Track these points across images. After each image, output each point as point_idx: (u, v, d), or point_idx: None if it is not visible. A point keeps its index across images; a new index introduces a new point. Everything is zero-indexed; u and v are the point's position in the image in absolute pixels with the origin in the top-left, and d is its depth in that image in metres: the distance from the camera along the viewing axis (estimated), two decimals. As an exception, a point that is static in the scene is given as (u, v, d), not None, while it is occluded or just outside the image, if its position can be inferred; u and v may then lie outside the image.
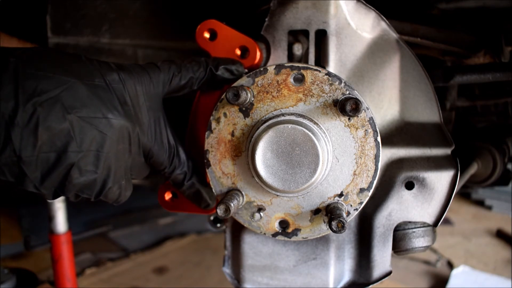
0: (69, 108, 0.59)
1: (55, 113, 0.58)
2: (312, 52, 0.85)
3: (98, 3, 1.23)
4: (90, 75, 0.64)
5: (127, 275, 2.75)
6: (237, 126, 0.78)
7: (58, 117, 0.58)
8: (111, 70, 0.67)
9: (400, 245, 0.86)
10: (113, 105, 0.65)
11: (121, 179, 0.69)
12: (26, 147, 0.57)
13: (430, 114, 0.86)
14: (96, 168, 0.63)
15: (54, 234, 1.90)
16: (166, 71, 0.75)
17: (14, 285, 1.77)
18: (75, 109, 0.60)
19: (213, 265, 2.86)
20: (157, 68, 0.74)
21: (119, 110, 0.65)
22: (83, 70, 0.64)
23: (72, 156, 0.60)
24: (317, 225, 0.79)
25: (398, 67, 0.85)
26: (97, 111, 0.62)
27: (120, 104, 0.66)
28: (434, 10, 1.08)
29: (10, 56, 0.59)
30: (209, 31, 0.84)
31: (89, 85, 0.63)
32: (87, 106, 0.61)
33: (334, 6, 0.82)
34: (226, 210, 0.73)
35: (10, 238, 2.84)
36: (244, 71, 0.82)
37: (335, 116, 0.74)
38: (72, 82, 0.61)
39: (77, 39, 1.23)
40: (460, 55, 1.13)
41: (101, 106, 0.63)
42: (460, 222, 3.55)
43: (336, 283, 0.90)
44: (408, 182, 0.85)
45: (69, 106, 0.59)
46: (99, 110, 0.62)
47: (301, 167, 0.72)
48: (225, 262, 0.96)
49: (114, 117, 0.64)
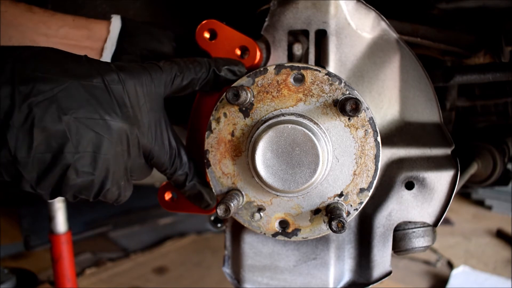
0: (65, 109, 0.59)
1: (51, 113, 0.58)
2: (312, 52, 0.85)
3: (98, 3, 1.23)
4: (89, 76, 0.63)
5: (127, 275, 2.75)
6: (237, 126, 0.78)
7: (53, 118, 0.58)
8: (111, 70, 0.66)
9: (400, 245, 0.86)
10: (111, 107, 0.64)
11: (120, 180, 0.68)
12: (21, 148, 0.57)
13: (430, 114, 0.86)
14: (93, 170, 0.62)
15: (54, 234, 1.91)
16: (168, 72, 0.74)
17: (14, 285, 1.78)
18: (72, 110, 0.59)
19: (213, 265, 2.86)
20: (159, 69, 0.73)
21: (117, 112, 0.64)
22: (82, 70, 0.63)
23: (68, 157, 0.60)
24: (317, 225, 0.79)
25: (398, 67, 0.85)
26: (94, 113, 0.62)
27: (119, 106, 0.65)
28: (434, 10, 1.08)
29: (7, 56, 0.59)
30: (209, 31, 0.84)
31: (87, 86, 0.62)
32: (84, 107, 0.61)
33: (334, 6, 0.83)
34: (226, 210, 0.73)
35: (10, 238, 2.84)
36: (245, 72, 0.82)
37: (335, 116, 0.74)
38: (69, 82, 0.60)
39: (77, 39, 1.23)
40: (460, 55, 1.13)
41: (98, 107, 0.62)
42: (460, 222, 3.55)
43: (336, 283, 0.90)
44: (408, 182, 0.85)
45: (65, 107, 0.59)
46: (96, 112, 0.62)
47: (301, 167, 0.72)
48: (225, 262, 0.96)
49: (111, 119, 0.63)
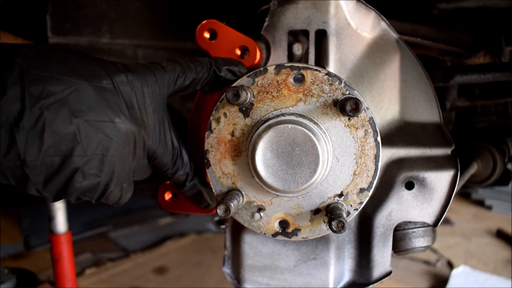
0: (75, 111, 0.59)
1: (61, 116, 0.57)
2: (312, 52, 0.85)
3: (98, 3, 1.23)
4: (98, 77, 0.63)
5: (127, 275, 2.75)
6: (237, 126, 0.78)
7: (65, 120, 0.58)
8: (119, 71, 0.66)
9: (400, 245, 0.86)
10: (120, 109, 0.64)
11: (123, 182, 0.68)
12: (31, 151, 0.56)
13: (430, 114, 0.86)
14: (100, 172, 0.62)
15: (54, 234, 1.90)
16: (171, 72, 0.74)
17: (14, 285, 1.77)
18: (82, 113, 0.59)
19: (213, 265, 2.86)
20: (162, 69, 0.73)
21: (126, 114, 0.64)
22: (90, 70, 0.63)
23: (77, 160, 0.59)
24: (317, 225, 0.79)
25: (398, 67, 0.85)
26: (104, 115, 0.61)
27: (127, 108, 0.65)
28: (434, 10, 1.08)
29: (15, 55, 0.58)
30: (209, 31, 0.84)
31: (96, 87, 0.62)
32: (93, 110, 0.60)
33: (334, 6, 0.82)
34: (226, 210, 0.73)
35: (10, 238, 2.84)
36: (246, 72, 0.82)
37: (335, 116, 0.74)
38: (79, 84, 0.60)
39: (77, 39, 1.23)
40: (460, 55, 1.13)
41: (108, 110, 0.62)
42: (460, 222, 3.55)
43: (336, 283, 0.90)
44: (408, 182, 0.85)
45: (76, 110, 0.59)
46: (106, 114, 0.62)
47: (301, 167, 0.72)
48: (225, 262, 0.96)
49: (121, 121, 0.63)
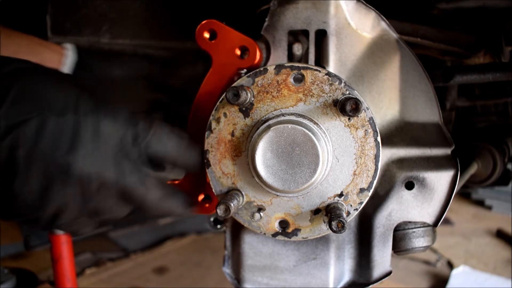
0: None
1: None
2: (312, 52, 0.85)
3: (98, 3, 1.23)
4: (62, 110, 0.65)
5: (127, 275, 2.75)
6: (237, 126, 0.78)
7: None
8: (87, 105, 0.67)
9: (400, 245, 0.86)
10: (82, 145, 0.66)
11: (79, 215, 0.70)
12: None
13: (430, 114, 0.86)
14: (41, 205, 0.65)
15: (54, 234, 1.90)
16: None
17: (14, 285, 1.78)
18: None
19: (213, 265, 2.85)
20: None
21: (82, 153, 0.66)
22: (58, 101, 0.65)
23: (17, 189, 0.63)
24: (317, 225, 0.79)
25: (398, 67, 0.85)
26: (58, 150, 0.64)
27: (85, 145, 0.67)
28: (434, 10, 1.08)
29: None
30: (209, 31, 0.84)
31: (58, 122, 0.64)
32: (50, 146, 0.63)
33: (334, 6, 0.82)
34: (226, 210, 0.73)
35: (10, 238, 2.84)
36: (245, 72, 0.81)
37: (335, 116, 0.74)
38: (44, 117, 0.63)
39: (77, 39, 1.23)
40: (460, 55, 1.13)
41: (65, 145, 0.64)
42: (460, 222, 3.55)
43: (336, 283, 0.90)
44: (408, 182, 0.85)
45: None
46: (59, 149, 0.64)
47: (301, 167, 0.72)
48: (225, 262, 0.96)
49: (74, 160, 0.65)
